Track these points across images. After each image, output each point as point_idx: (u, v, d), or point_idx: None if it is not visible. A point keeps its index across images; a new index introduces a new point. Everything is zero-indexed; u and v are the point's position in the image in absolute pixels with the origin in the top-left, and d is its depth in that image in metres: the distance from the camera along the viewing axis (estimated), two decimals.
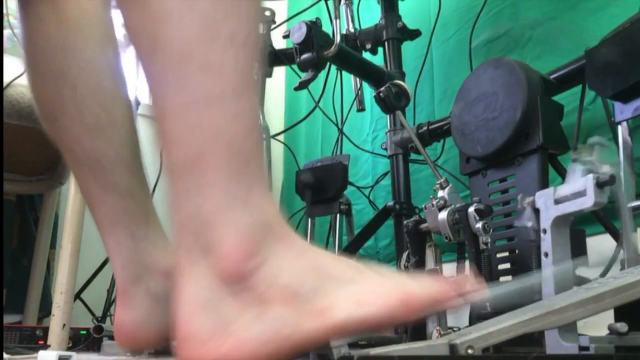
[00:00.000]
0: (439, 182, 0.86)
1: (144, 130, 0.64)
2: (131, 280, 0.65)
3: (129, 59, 0.68)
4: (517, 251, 0.84)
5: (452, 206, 0.83)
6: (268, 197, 0.47)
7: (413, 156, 1.34)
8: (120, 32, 0.67)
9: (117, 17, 0.62)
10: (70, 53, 0.62)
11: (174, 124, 0.45)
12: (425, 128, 1.25)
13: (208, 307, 0.44)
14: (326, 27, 1.20)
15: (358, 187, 1.67)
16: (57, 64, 0.62)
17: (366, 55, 1.40)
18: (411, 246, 0.92)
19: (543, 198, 0.64)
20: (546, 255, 0.62)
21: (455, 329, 0.82)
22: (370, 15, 1.52)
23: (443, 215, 0.83)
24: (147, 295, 0.65)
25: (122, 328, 0.65)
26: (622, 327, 0.54)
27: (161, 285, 0.66)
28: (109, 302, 1.47)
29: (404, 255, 0.94)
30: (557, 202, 0.62)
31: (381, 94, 0.98)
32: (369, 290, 0.46)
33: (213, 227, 0.44)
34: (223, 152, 0.44)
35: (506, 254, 0.86)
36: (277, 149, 2.05)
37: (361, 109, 1.45)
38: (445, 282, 0.48)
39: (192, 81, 0.44)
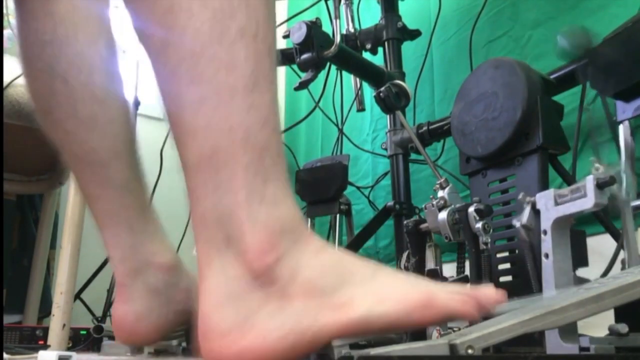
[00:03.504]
0: (439, 182, 0.86)
1: (145, 131, 0.64)
2: (130, 273, 0.65)
3: (127, 61, 0.68)
4: (517, 251, 0.83)
5: (452, 206, 0.83)
6: (284, 193, 0.47)
7: (413, 156, 1.33)
8: (120, 33, 0.67)
9: (119, 18, 0.62)
10: (59, 46, 0.62)
11: (187, 120, 0.45)
12: (425, 128, 1.25)
13: (232, 299, 0.44)
14: (326, 27, 1.20)
15: (358, 187, 1.67)
16: (47, 57, 0.62)
17: (366, 55, 1.40)
18: (411, 246, 0.92)
19: (543, 199, 0.64)
20: (547, 256, 0.62)
21: (455, 329, 0.81)
22: (370, 15, 1.52)
23: (443, 215, 0.83)
24: (146, 288, 0.65)
25: (121, 322, 0.65)
26: (623, 328, 0.54)
27: (160, 279, 0.66)
28: (109, 302, 1.46)
29: (404, 255, 0.94)
30: (558, 203, 0.62)
31: (381, 94, 0.98)
32: (389, 288, 0.47)
33: (232, 220, 0.44)
34: (237, 146, 0.44)
35: (506, 254, 0.85)
36: None
37: (361, 109, 1.45)
38: (467, 295, 0.48)
39: (204, 76, 0.44)
